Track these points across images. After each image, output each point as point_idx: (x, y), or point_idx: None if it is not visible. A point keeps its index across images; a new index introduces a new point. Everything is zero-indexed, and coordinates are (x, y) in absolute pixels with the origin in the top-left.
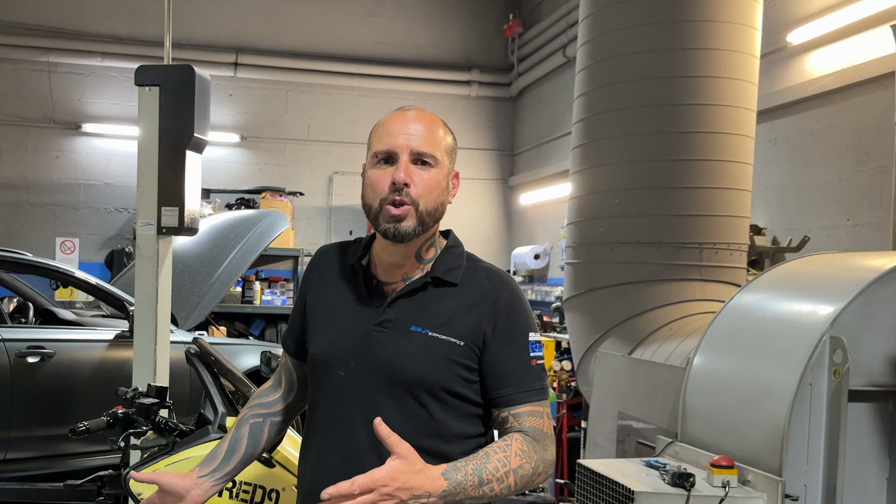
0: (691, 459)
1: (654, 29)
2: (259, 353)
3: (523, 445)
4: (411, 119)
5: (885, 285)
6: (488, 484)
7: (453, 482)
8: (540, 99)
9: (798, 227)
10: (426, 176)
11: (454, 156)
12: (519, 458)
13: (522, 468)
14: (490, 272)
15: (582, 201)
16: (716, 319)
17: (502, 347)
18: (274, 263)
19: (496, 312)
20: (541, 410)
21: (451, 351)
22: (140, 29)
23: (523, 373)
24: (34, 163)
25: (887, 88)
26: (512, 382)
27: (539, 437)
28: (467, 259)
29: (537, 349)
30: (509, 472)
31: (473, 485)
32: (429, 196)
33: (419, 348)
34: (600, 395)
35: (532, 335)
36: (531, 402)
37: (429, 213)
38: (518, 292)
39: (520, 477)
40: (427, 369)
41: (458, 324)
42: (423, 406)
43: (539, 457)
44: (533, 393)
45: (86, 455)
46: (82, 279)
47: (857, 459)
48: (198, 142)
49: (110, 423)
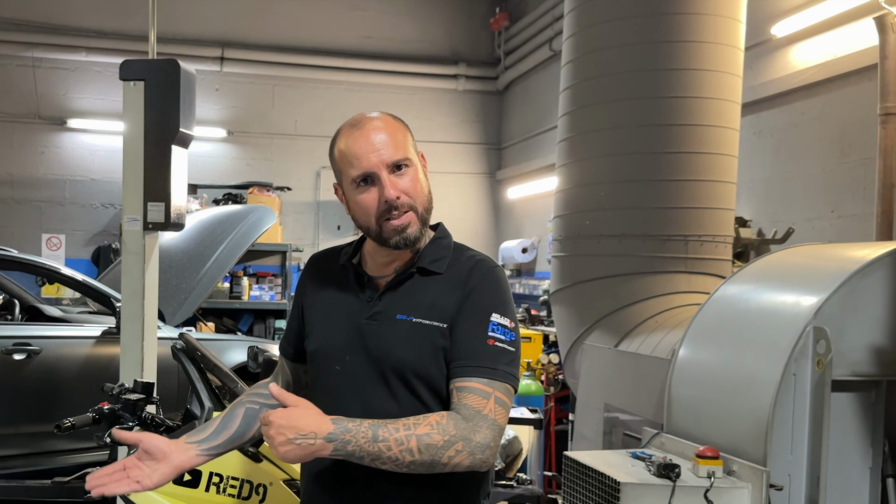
0: (677, 450)
1: (638, 22)
2: (247, 348)
3: (442, 419)
4: (371, 132)
5: (868, 276)
6: (384, 441)
7: (341, 428)
8: (527, 92)
9: (783, 218)
10: (408, 179)
11: (415, 143)
12: (429, 428)
13: (430, 436)
14: (473, 258)
15: (568, 195)
16: (701, 311)
17: (461, 321)
18: (262, 259)
19: (467, 290)
20: (487, 391)
21: (436, 334)
22: (125, 24)
23: (474, 348)
24: (19, 159)
25: (871, 80)
26: (460, 356)
27: (471, 416)
28: (455, 249)
29: (499, 331)
30: (412, 436)
31: (367, 438)
32: (419, 194)
33: (405, 335)
34: (587, 387)
35: (497, 316)
36: (476, 377)
37: (425, 210)
38: (492, 274)
39: (425, 445)
40: (412, 355)
41: (439, 308)
42: (414, 393)
43: (460, 434)
44: (480, 370)
45: (73, 452)
46: (69, 275)
47: (841, 449)
48: (183, 137)
49: (96, 419)
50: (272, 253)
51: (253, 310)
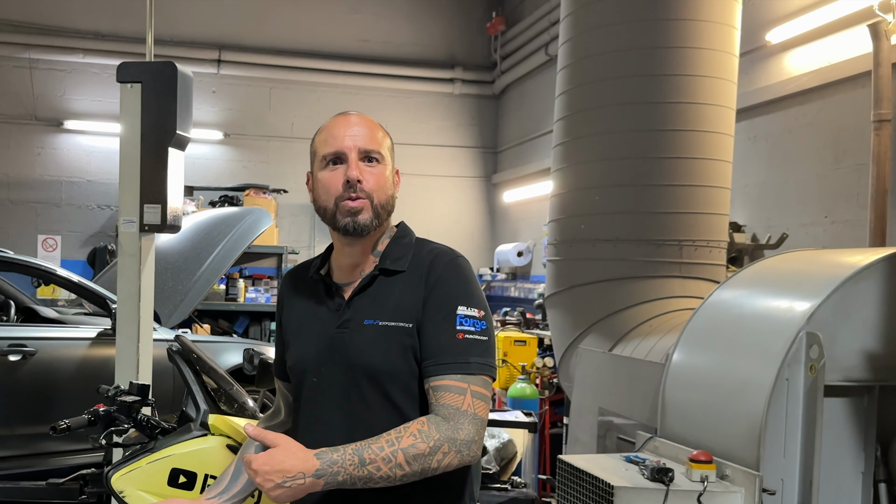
0: (670, 454)
1: (634, 27)
2: (243, 350)
3: (424, 426)
4: (353, 122)
5: (861, 281)
6: (372, 463)
7: (327, 461)
8: (523, 97)
9: (777, 224)
10: (375, 171)
11: (393, 155)
12: (413, 438)
13: (415, 447)
14: (434, 251)
15: (563, 199)
16: (695, 316)
17: (427, 318)
18: (258, 261)
19: (429, 286)
20: (463, 387)
21: (402, 335)
22: (122, 25)
23: (444, 344)
24: (15, 160)
25: (864, 87)
26: (432, 354)
27: (451, 415)
28: (417, 244)
29: (468, 323)
30: (397, 451)
31: (354, 464)
32: (380, 190)
33: (372, 339)
34: (581, 391)
35: (463, 308)
36: (449, 374)
37: (382, 206)
38: (453, 266)
39: (412, 456)
40: (380, 359)
41: (404, 308)
42: (387, 397)
43: (444, 436)
44: (453, 366)
45: (68, 454)
46: (64, 277)
47: (833, 454)
48: (180, 139)
49: (92, 420)
50: (268, 255)
51: (248, 312)
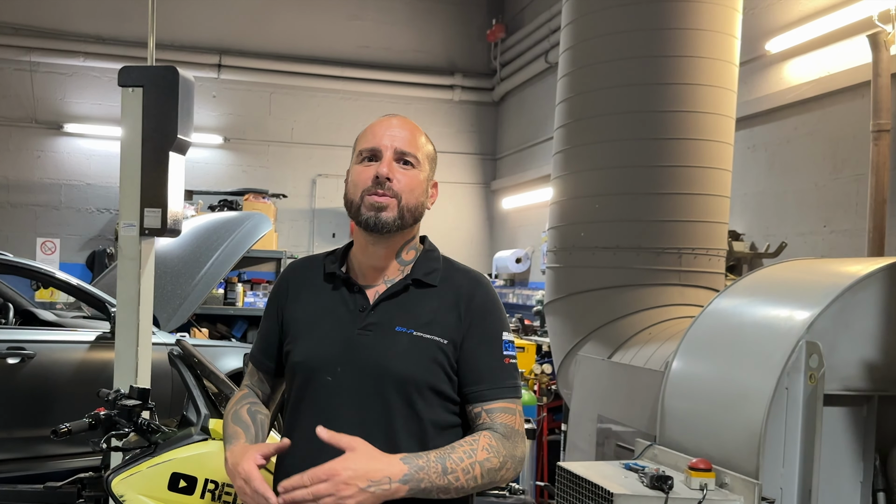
0: (670, 462)
1: (634, 36)
2: (241, 355)
3: (492, 441)
4: (396, 124)
5: (861, 291)
6: (453, 473)
7: (414, 466)
8: (522, 104)
9: (776, 233)
10: (409, 174)
11: (434, 165)
12: (486, 452)
13: (489, 461)
14: (466, 274)
15: (563, 206)
16: (694, 324)
17: (477, 345)
18: (256, 265)
19: (472, 311)
20: (513, 408)
21: (436, 350)
22: (123, 29)
23: (496, 370)
24: (15, 162)
25: (864, 97)
26: (485, 379)
27: (510, 434)
28: (444, 262)
29: (510, 348)
30: (475, 463)
31: (437, 472)
32: (410, 193)
33: (406, 348)
34: (580, 398)
35: (505, 335)
36: (503, 398)
37: (409, 210)
38: (493, 293)
39: (487, 470)
40: (414, 368)
41: (440, 323)
42: (410, 405)
43: (508, 453)
44: (505, 390)
45: (66, 457)
46: (63, 280)
47: (832, 463)
48: (181, 143)
49: (92, 424)
50: (267, 260)
51: (247, 316)
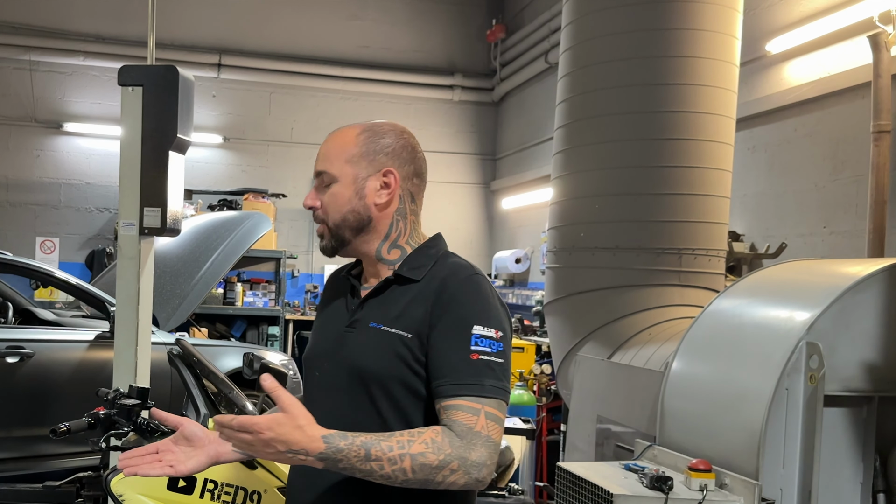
0: (669, 463)
1: (635, 37)
2: (241, 354)
3: (437, 437)
4: (325, 141)
5: (861, 292)
6: (377, 460)
7: (332, 447)
8: (522, 104)
9: (775, 233)
10: (328, 193)
11: (373, 157)
12: (424, 446)
13: (424, 456)
14: (451, 265)
15: (563, 206)
16: (694, 324)
17: (441, 338)
18: (256, 265)
19: (440, 303)
20: (477, 407)
21: (399, 343)
22: (123, 29)
23: (458, 365)
24: (14, 161)
25: (864, 98)
26: (445, 374)
27: (465, 434)
28: (442, 257)
29: (483, 343)
30: (406, 455)
31: (359, 457)
32: (334, 211)
33: (371, 343)
34: (580, 398)
35: (479, 328)
36: (464, 396)
37: (338, 226)
38: (471, 285)
39: (419, 465)
40: (375, 362)
41: (407, 317)
42: (372, 401)
43: (455, 453)
44: (468, 387)
45: (65, 456)
46: (62, 279)
47: (832, 464)
48: (181, 142)
49: (91, 423)
50: (266, 259)
51: (246, 316)
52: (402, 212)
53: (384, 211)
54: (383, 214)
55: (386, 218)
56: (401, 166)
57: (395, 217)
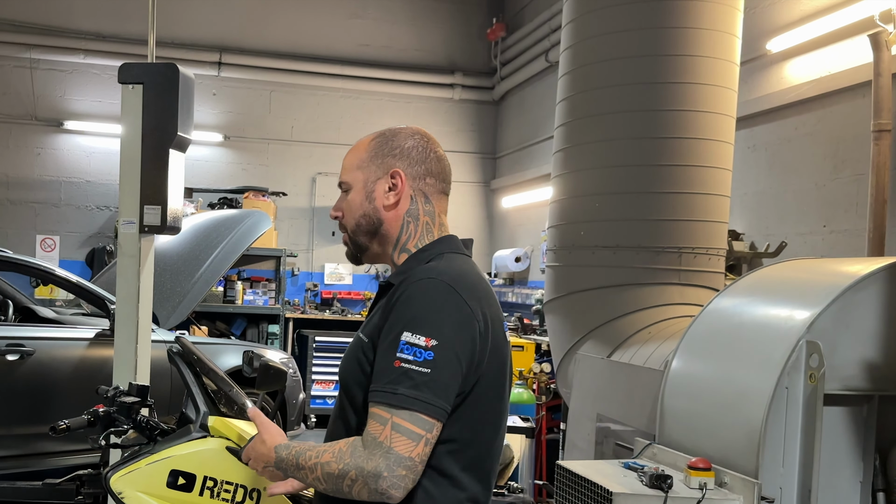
0: (669, 461)
1: (635, 35)
2: (241, 352)
3: (346, 446)
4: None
5: (861, 291)
6: (302, 469)
7: (278, 457)
8: (522, 103)
9: (775, 232)
10: (346, 201)
11: (379, 161)
12: (331, 455)
13: (329, 465)
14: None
15: (563, 205)
16: (694, 323)
17: (380, 341)
18: (256, 263)
19: (389, 306)
20: (385, 416)
21: (359, 348)
22: (124, 27)
23: (381, 371)
24: (15, 160)
25: (864, 97)
26: (373, 378)
27: (369, 443)
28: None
29: (408, 351)
30: (318, 464)
31: (293, 465)
32: (349, 218)
33: (349, 349)
34: (579, 397)
35: (407, 334)
36: (377, 403)
37: (354, 232)
38: (416, 289)
39: (325, 473)
40: (345, 368)
41: (372, 322)
42: (342, 405)
43: (353, 462)
44: (381, 394)
45: (65, 454)
46: (63, 277)
47: (832, 463)
48: (181, 140)
49: (91, 421)
50: (267, 258)
51: (246, 314)
52: (413, 213)
53: (393, 213)
54: (393, 217)
55: (396, 220)
56: (409, 166)
57: (405, 219)
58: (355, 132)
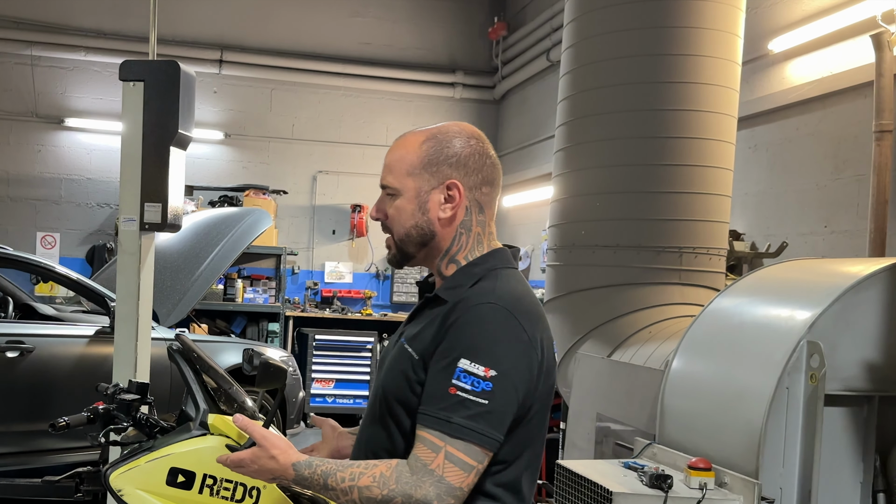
0: (669, 461)
1: (637, 34)
2: (240, 350)
3: (388, 471)
4: (390, 150)
5: (862, 291)
6: (332, 490)
7: (300, 475)
8: (523, 102)
9: (776, 232)
10: (393, 205)
11: (434, 168)
12: (371, 480)
13: (370, 490)
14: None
15: (564, 204)
16: (695, 323)
17: (433, 363)
18: (256, 261)
19: (444, 327)
20: (439, 444)
21: (408, 363)
22: (125, 24)
23: (435, 395)
24: (15, 156)
25: (866, 97)
26: (422, 401)
27: (418, 469)
28: (483, 279)
29: (466, 380)
30: (354, 487)
31: (320, 485)
32: (397, 226)
33: (392, 359)
34: (579, 396)
35: (465, 362)
36: (429, 428)
37: (403, 241)
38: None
39: (364, 497)
40: (388, 379)
41: (421, 337)
42: (381, 417)
43: (400, 489)
44: (433, 420)
45: (64, 451)
46: (63, 274)
47: (832, 463)
48: (182, 138)
49: (91, 418)
50: (267, 256)
51: (246, 312)
52: (466, 224)
53: (449, 226)
54: (447, 229)
55: (449, 232)
56: (466, 176)
57: (458, 231)
58: (356, 130)
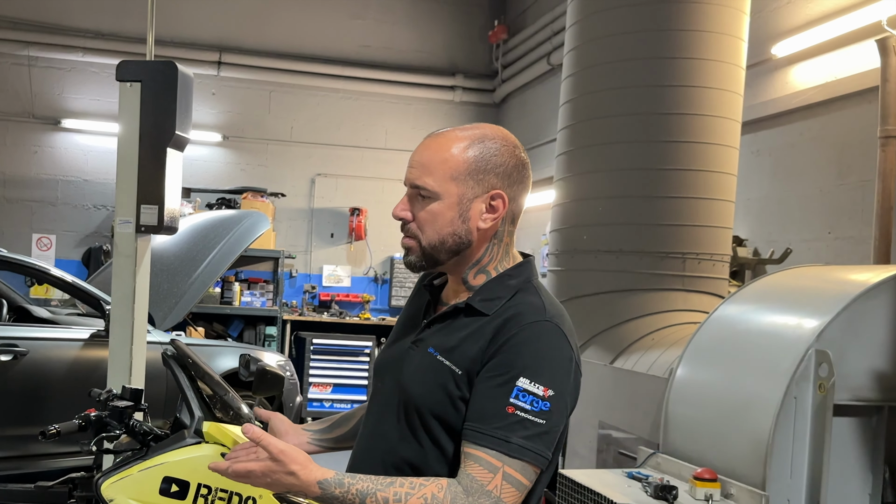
0: (673, 471)
1: (640, 37)
2: (237, 355)
3: (440, 491)
4: (423, 147)
5: (871, 300)
6: None
7: (328, 493)
8: (523, 106)
9: (779, 238)
10: (424, 209)
11: (481, 177)
12: (422, 501)
13: None
14: (523, 305)
15: (565, 209)
16: (700, 330)
17: (484, 380)
18: (254, 265)
19: (497, 344)
20: (496, 464)
21: (448, 377)
22: (122, 25)
23: (491, 413)
24: (12, 157)
25: (871, 102)
26: (475, 418)
27: (475, 491)
28: (521, 291)
29: (525, 399)
30: None
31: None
32: (430, 229)
33: (423, 369)
34: (581, 403)
35: (524, 381)
36: (485, 447)
37: (435, 247)
38: (534, 330)
39: None
40: (421, 391)
41: (461, 351)
42: (412, 429)
43: None
44: (491, 440)
45: (58, 456)
46: (58, 276)
47: (841, 474)
48: (179, 140)
49: (82, 426)
50: (264, 259)
51: (243, 315)
52: (500, 235)
53: (485, 236)
54: (482, 239)
55: (484, 242)
56: (510, 186)
57: (491, 241)
58: (355, 133)
